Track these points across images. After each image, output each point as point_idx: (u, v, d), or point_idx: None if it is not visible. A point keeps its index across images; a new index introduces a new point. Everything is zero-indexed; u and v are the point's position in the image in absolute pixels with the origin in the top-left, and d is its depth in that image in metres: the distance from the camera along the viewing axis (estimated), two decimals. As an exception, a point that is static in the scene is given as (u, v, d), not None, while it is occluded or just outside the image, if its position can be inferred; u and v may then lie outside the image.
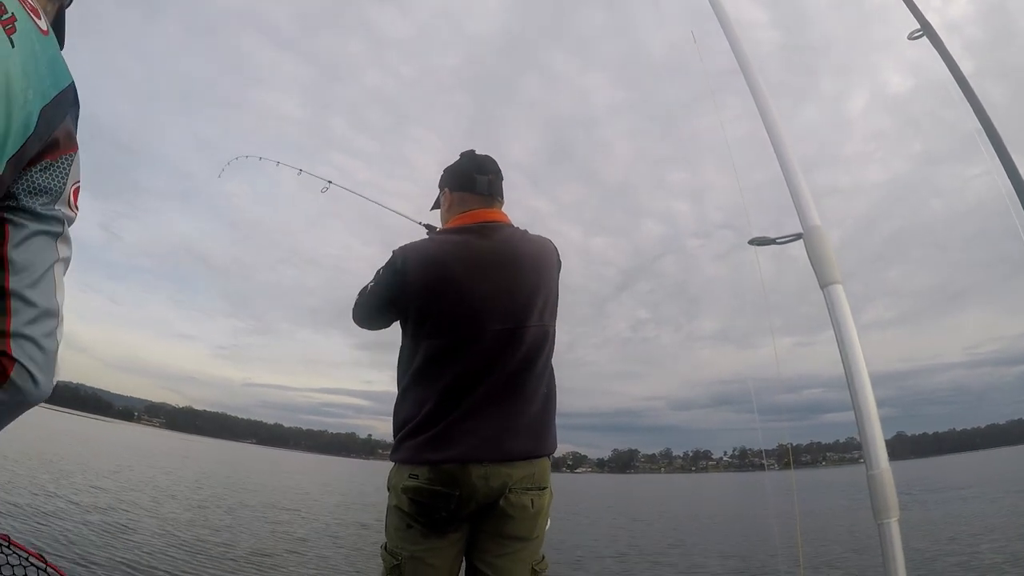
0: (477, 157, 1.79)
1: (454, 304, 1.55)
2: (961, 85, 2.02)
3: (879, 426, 1.41)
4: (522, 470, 1.52)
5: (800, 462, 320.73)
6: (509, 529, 1.51)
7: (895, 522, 1.33)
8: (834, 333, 1.55)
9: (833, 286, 1.60)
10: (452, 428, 1.48)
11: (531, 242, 1.72)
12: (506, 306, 1.58)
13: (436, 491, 1.45)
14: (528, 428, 1.55)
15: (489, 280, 1.58)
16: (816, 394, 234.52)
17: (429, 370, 1.55)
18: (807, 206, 1.77)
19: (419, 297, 1.56)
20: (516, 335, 1.57)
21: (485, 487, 1.46)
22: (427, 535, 1.48)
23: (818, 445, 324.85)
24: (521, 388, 1.57)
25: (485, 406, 1.52)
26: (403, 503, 1.49)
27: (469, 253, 1.61)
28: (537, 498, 1.53)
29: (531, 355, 1.59)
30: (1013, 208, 1.79)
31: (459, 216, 1.74)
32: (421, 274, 1.56)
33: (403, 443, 1.54)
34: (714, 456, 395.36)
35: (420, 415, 1.52)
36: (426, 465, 1.47)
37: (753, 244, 1.84)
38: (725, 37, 2.22)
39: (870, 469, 1.38)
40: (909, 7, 2.23)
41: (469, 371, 1.53)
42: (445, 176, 1.81)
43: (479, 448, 1.48)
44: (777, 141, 1.90)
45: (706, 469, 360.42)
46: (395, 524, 1.52)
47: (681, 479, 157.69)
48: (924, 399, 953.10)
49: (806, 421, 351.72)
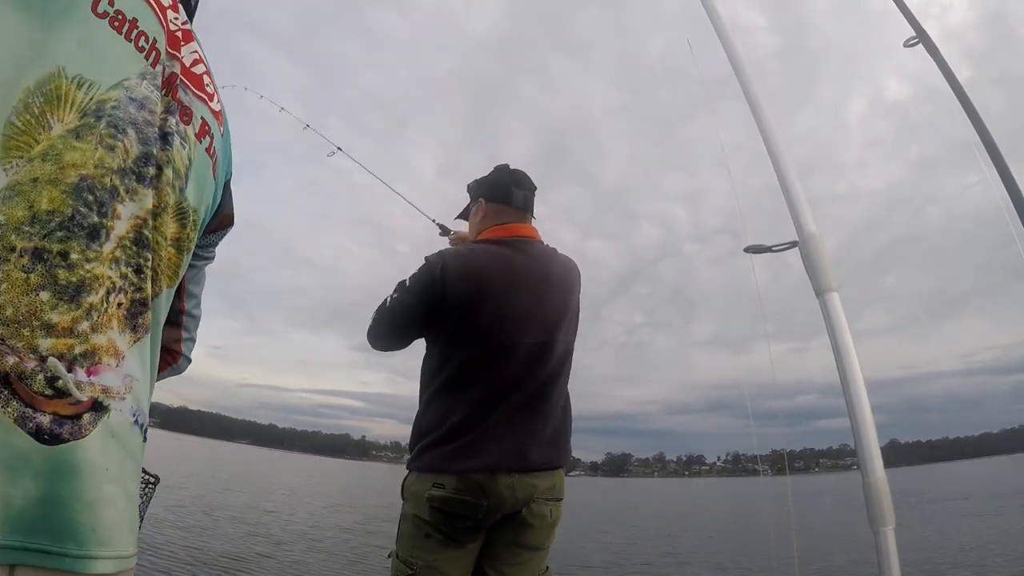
0: (515, 171, 1.81)
1: (492, 315, 1.54)
2: (957, 93, 2.02)
3: (875, 434, 1.40)
4: (545, 481, 1.53)
5: (794, 468, 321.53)
6: (527, 539, 1.52)
7: (891, 530, 1.32)
8: (830, 342, 1.55)
9: (828, 294, 1.60)
10: (482, 437, 1.48)
11: (560, 261, 1.75)
12: (539, 320, 1.60)
13: (464, 501, 1.43)
14: (551, 439, 1.58)
15: (525, 294, 1.60)
16: (810, 400, 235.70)
17: (461, 380, 1.54)
18: (803, 214, 1.76)
19: (458, 305, 1.53)
20: (546, 349, 1.60)
21: (512, 497, 1.46)
22: (446, 545, 1.46)
23: (812, 451, 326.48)
24: (547, 400, 1.59)
25: (514, 416, 1.52)
26: (424, 512, 1.47)
27: (508, 266, 1.62)
28: (555, 509, 1.56)
29: (557, 369, 1.63)
30: (1009, 217, 1.79)
31: (494, 228, 1.74)
32: (462, 282, 1.54)
33: (428, 452, 1.52)
34: (707, 461, 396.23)
35: (449, 424, 1.50)
36: (453, 474, 1.45)
37: (749, 252, 1.84)
38: (721, 44, 2.23)
39: (866, 477, 1.38)
40: (905, 14, 2.23)
41: (501, 382, 1.53)
42: (480, 187, 1.82)
43: (506, 458, 1.48)
44: (773, 148, 1.90)
45: (699, 474, 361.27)
46: (411, 533, 1.50)
47: (675, 484, 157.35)
48: (918, 406, 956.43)
49: (800, 427, 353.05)
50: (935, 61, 2.07)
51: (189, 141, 0.73)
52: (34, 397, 0.52)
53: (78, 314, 0.55)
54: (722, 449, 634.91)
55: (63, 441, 0.53)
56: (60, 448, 0.53)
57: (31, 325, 0.53)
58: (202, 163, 0.76)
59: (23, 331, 0.52)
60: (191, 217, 0.73)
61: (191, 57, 0.77)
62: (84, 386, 0.55)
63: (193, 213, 0.74)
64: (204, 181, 0.77)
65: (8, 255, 0.52)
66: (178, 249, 0.72)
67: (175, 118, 0.71)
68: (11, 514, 0.50)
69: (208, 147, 0.77)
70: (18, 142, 0.55)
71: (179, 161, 0.70)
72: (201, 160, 0.76)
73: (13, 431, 0.50)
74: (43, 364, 0.53)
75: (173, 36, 0.74)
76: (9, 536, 0.49)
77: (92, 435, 0.56)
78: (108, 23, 0.63)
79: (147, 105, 0.67)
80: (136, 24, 0.67)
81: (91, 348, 0.56)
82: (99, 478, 0.56)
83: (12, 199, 0.53)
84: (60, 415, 0.53)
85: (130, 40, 0.66)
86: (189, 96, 0.75)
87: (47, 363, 0.53)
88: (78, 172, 0.58)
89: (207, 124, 0.77)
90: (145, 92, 0.67)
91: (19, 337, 0.52)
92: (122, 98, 0.64)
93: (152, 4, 0.70)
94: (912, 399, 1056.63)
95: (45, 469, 0.52)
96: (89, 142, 0.59)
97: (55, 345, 0.54)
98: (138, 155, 0.64)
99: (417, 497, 1.50)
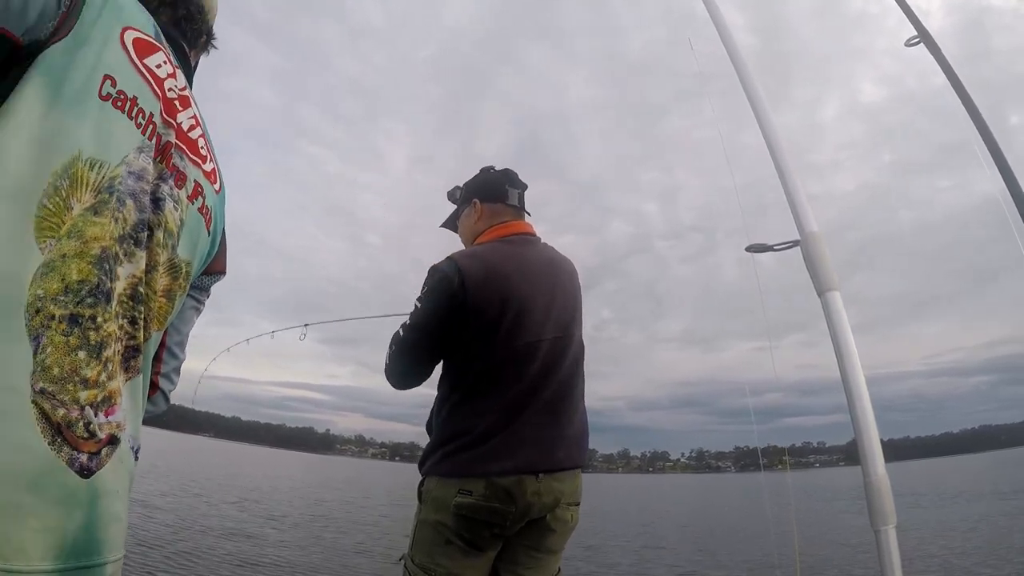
0: (506, 171, 1.82)
1: (517, 313, 1.50)
2: (958, 91, 2.05)
3: (876, 432, 1.41)
4: (569, 484, 1.51)
5: (757, 465, 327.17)
6: (548, 543, 1.50)
7: (892, 529, 1.33)
8: (832, 341, 1.56)
9: (830, 293, 1.61)
10: (511, 439, 1.44)
11: (563, 257, 1.76)
12: (558, 315, 1.59)
13: (492, 508, 1.40)
14: (574, 438, 1.56)
15: (543, 289, 1.58)
16: (775, 399, 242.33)
17: (486, 383, 1.49)
18: (804, 212, 1.77)
19: (482, 309, 1.48)
20: (564, 345, 1.59)
21: (539, 503, 1.44)
22: (467, 552, 1.42)
23: (775, 448, 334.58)
24: (570, 397, 1.58)
25: (541, 416, 1.49)
26: (447, 518, 1.42)
27: (523, 262, 1.60)
28: (575, 513, 1.54)
29: (576, 364, 1.62)
30: (1009, 213, 1.81)
31: (496, 227, 1.72)
32: (484, 284, 1.48)
33: (453, 456, 1.46)
34: (672, 457, 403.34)
35: (478, 430, 1.45)
36: (481, 479, 1.41)
37: (751, 251, 1.84)
38: (722, 43, 2.21)
39: (867, 476, 1.38)
40: (906, 13, 2.26)
41: (527, 382, 1.49)
42: (471, 189, 1.80)
43: (535, 458, 1.45)
44: (774, 147, 1.90)
45: (663, 470, 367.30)
46: (431, 539, 1.45)
47: (638, 479, 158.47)
48: (885, 405, 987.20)
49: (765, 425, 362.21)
50: (936, 60, 2.10)
51: (181, 204, 0.83)
52: (77, 440, 0.63)
53: (100, 367, 0.67)
54: (686, 446, 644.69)
55: (93, 473, 0.65)
56: (92, 479, 0.64)
57: (73, 381, 0.63)
58: (194, 221, 0.87)
59: (68, 386, 0.63)
60: (183, 270, 0.85)
61: (188, 122, 0.87)
62: (104, 426, 0.67)
63: (186, 266, 0.86)
64: (197, 236, 0.88)
65: (50, 322, 0.62)
66: (168, 299, 0.82)
67: (168, 184, 0.80)
68: (67, 543, 0.61)
69: (201, 207, 0.89)
70: (50, 223, 0.63)
71: (171, 222, 0.81)
72: (193, 219, 0.87)
73: (66, 472, 0.61)
74: (82, 412, 0.64)
75: (170, 104, 0.83)
76: (67, 560, 0.60)
77: (108, 464, 0.67)
78: (112, 104, 0.72)
79: (144, 176, 0.75)
80: (136, 102, 0.75)
81: (108, 394, 0.68)
82: (113, 499, 0.68)
83: (48, 275, 0.63)
84: (91, 452, 0.65)
85: (131, 118, 0.74)
86: (184, 161, 0.85)
87: (84, 412, 0.64)
88: (99, 244, 0.68)
89: (200, 186, 0.88)
90: (142, 164, 0.75)
91: (65, 392, 0.62)
92: (123, 173, 0.72)
93: (150, 80, 0.79)
94: (879, 399, 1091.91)
95: (85, 499, 0.63)
96: (105, 216, 0.69)
97: (89, 396, 0.65)
98: (135, 222, 0.73)
99: (440, 503, 1.45)
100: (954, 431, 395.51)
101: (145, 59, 0.79)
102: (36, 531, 0.58)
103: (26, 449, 0.58)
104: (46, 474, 0.59)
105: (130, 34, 0.77)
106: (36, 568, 0.58)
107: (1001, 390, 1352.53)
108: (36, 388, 0.60)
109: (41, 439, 0.59)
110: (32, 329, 0.60)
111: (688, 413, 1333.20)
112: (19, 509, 0.57)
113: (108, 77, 0.72)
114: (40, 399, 0.60)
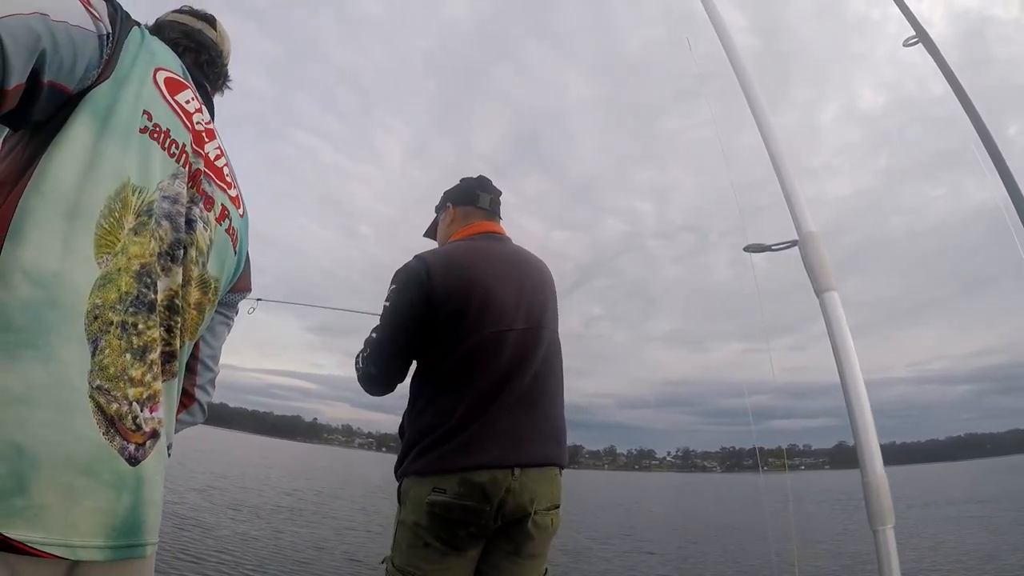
0: (480, 177, 1.88)
1: (482, 305, 1.52)
2: (957, 92, 2.05)
3: (875, 433, 1.41)
4: (546, 486, 1.49)
5: (743, 466, 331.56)
6: (528, 548, 1.48)
7: (891, 529, 1.33)
8: (830, 340, 1.56)
9: (829, 293, 1.61)
10: (483, 432, 1.43)
11: (534, 256, 1.80)
12: (527, 307, 1.60)
13: (466, 506, 1.38)
14: (552, 434, 1.55)
15: (510, 281, 1.60)
16: (764, 400, 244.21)
17: (456, 377, 1.49)
18: (802, 212, 1.77)
19: (448, 301, 1.50)
20: (537, 335, 1.59)
21: (513, 502, 1.42)
22: (446, 554, 1.41)
23: (761, 450, 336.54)
24: (545, 394, 1.57)
25: (516, 408, 1.49)
26: (422, 519, 1.41)
27: (487, 255, 1.64)
28: (555, 517, 1.53)
29: (550, 357, 1.62)
30: (1009, 217, 1.82)
31: (464, 228, 1.79)
32: (447, 277, 1.52)
33: (427, 453, 1.45)
34: (658, 456, 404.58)
35: (449, 422, 1.45)
36: (455, 475, 1.40)
37: (749, 251, 1.84)
38: (720, 43, 2.22)
39: (866, 476, 1.38)
40: (905, 14, 2.27)
41: (497, 373, 1.49)
42: (449, 195, 1.87)
43: (508, 451, 1.43)
44: (773, 147, 1.90)
45: (649, 468, 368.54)
46: (409, 541, 1.43)
47: (624, 477, 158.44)
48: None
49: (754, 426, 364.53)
50: (935, 60, 2.10)
51: (211, 225, 0.93)
52: (127, 432, 0.72)
53: (145, 368, 0.76)
54: (673, 445, 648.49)
55: (139, 462, 0.73)
56: (138, 468, 0.73)
57: (124, 379, 0.73)
58: (222, 241, 0.97)
59: (120, 383, 0.72)
60: (212, 285, 0.95)
61: (214, 152, 0.97)
62: (149, 420, 0.76)
63: (215, 282, 0.96)
64: (225, 255, 0.98)
65: (108, 327, 0.71)
66: (199, 311, 0.92)
67: (199, 207, 0.89)
68: (117, 523, 0.69)
69: (228, 228, 0.99)
70: (107, 240, 0.73)
71: (202, 242, 0.90)
72: (221, 239, 0.96)
73: (118, 459, 0.70)
74: (131, 407, 0.73)
75: (199, 136, 0.92)
76: (117, 539, 0.69)
77: (151, 455, 0.76)
78: (149, 136, 0.81)
79: (178, 200, 0.85)
80: (169, 134, 0.85)
81: (152, 392, 0.77)
82: (154, 487, 0.77)
83: (106, 286, 0.72)
84: (138, 443, 0.73)
85: (164, 148, 0.84)
86: (212, 187, 0.95)
87: (132, 407, 0.73)
88: (140, 261, 0.77)
89: (226, 209, 0.98)
90: (177, 189, 0.85)
91: (118, 388, 0.72)
92: (158, 198, 0.81)
93: (180, 114, 0.89)
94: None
95: (132, 485, 0.72)
96: (145, 236, 0.78)
97: (136, 393, 0.74)
98: (172, 241, 0.83)
99: (416, 502, 1.44)
100: (940, 438, 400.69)
101: (176, 96, 0.89)
102: (90, 511, 0.66)
103: (84, 438, 0.66)
104: (100, 460, 0.68)
105: (162, 74, 0.87)
106: (90, 544, 0.66)
107: (984, 399, 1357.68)
108: (93, 385, 0.68)
109: (97, 430, 0.68)
110: (91, 333, 0.69)
111: (675, 412, 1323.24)
112: (76, 491, 0.64)
113: (146, 112, 0.81)
114: (97, 394, 0.68)
